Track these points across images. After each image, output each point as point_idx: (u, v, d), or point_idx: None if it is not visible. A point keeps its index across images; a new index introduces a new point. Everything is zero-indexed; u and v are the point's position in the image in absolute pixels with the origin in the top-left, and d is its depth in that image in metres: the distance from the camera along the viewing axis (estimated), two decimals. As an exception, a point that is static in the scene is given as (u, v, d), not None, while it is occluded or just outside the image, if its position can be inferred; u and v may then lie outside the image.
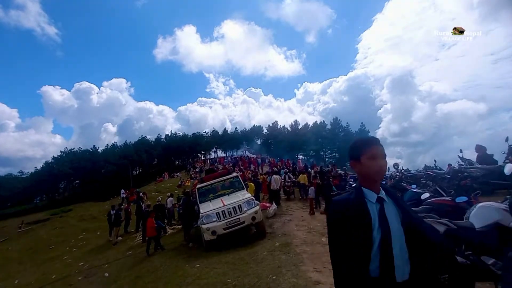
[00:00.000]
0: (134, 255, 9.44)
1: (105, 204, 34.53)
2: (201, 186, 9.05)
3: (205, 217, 7.32)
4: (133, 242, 12.03)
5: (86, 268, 9.67)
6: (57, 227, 29.31)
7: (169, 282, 5.82)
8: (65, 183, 71.03)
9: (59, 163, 65.80)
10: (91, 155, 69.42)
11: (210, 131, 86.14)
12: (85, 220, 26.37)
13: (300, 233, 7.30)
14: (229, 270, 5.55)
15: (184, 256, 7.55)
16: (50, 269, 12.42)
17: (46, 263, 15.28)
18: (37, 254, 20.06)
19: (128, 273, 7.63)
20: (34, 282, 10.59)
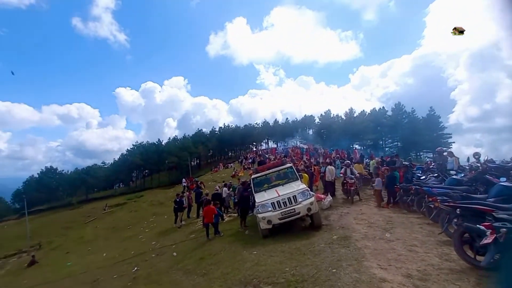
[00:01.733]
0: (197, 239, 10.24)
1: (170, 191, 38.27)
2: (255, 176, 9.24)
3: (260, 207, 7.47)
4: (194, 226, 13.08)
5: (157, 247, 10.91)
6: (132, 210, 33.76)
7: (229, 265, 6.15)
8: (137, 172, 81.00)
9: (131, 155, 75.15)
10: (156, 147, 77.40)
11: (261, 122, 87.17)
12: (154, 205, 29.65)
13: (359, 227, 6.90)
14: (286, 259, 5.58)
15: (242, 242, 7.86)
16: (129, 246, 14.41)
17: (125, 240, 17.77)
18: (118, 232, 23.47)
19: (192, 254, 8.33)
20: (118, 256, 12.44)
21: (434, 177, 9.00)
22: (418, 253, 4.85)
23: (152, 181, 76.83)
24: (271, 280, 4.81)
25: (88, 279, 9.35)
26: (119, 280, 7.94)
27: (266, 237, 7.51)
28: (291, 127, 78.20)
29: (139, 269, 8.46)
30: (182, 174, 59.84)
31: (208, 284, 5.55)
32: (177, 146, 76.40)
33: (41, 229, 39.76)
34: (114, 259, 11.93)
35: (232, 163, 46.56)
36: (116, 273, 8.84)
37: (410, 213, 7.91)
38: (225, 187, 13.80)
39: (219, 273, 5.91)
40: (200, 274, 6.27)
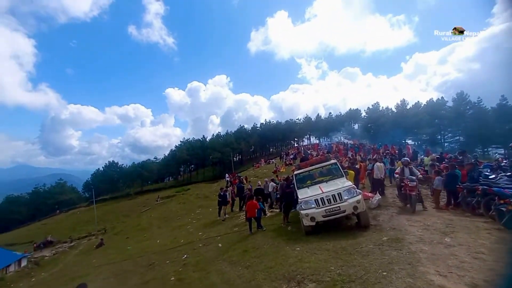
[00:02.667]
0: (240, 232, 10.55)
1: (214, 186, 40.07)
2: (298, 172, 9.11)
3: (303, 203, 7.35)
4: (237, 220, 13.49)
5: (204, 238, 11.53)
6: (180, 202, 36.20)
7: (272, 260, 6.20)
8: (184, 167, 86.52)
9: (179, 151, 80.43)
10: (201, 143, 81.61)
11: (303, 117, 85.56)
12: (200, 198, 31.35)
13: (414, 229, 6.34)
14: (331, 258, 5.42)
15: (284, 238, 7.86)
16: (179, 235, 15.48)
17: (175, 229, 19.13)
18: (169, 222, 25.38)
19: (236, 246, 8.61)
20: (169, 243, 13.47)
21: (506, 176, 7.79)
22: (486, 262, 4.28)
23: (197, 175, 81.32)
24: (315, 277, 4.72)
25: (145, 262, 10.33)
26: (172, 265, 8.60)
27: (309, 234, 7.38)
28: (334, 122, 75.21)
29: (188, 257, 9.04)
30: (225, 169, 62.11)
31: (252, 276, 5.68)
32: (220, 142, 79.41)
33: (106, 216, 45.20)
34: (166, 246, 12.94)
35: (274, 159, 46.65)
36: (169, 259, 9.59)
37: (475, 216, 7.00)
38: (272, 182, 13.89)
39: (262, 266, 6.01)
40: (244, 266, 6.45)
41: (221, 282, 5.95)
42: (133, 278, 8.44)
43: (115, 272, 10.12)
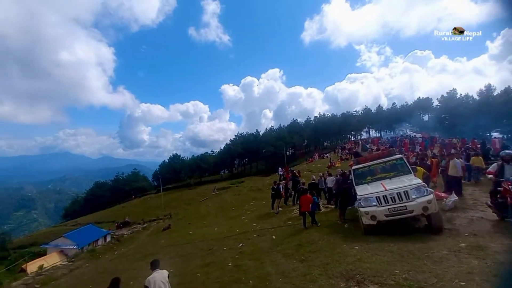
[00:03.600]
0: (293, 226, 10.50)
1: (267, 179, 40.65)
2: (357, 168, 8.56)
3: (363, 200, 6.89)
4: (291, 214, 13.45)
5: (258, 229, 11.84)
6: (235, 193, 37.78)
7: (329, 256, 6.01)
8: (238, 160, 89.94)
9: (234, 144, 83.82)
10: (254, 138, 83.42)
11: (362, 109, 79.82)
12: (253, 191, 32.19)
13: (503, 237, 5.37)
14: (396, 261, 4.97)
15: (341, 235, 7.53)
16: (234, 224, 16.22)
17: (231, 219, 20.09)
18: (225, 212, 26.76)
19: (290, 239, 8.61)
20: (225, 232, 14.24)
21: None
22: None
23: (251, 169, 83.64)
24: (377, 279, 4.40)
25: (205, 247, 11.15)
26: (229, 252, 9.10)
27: (368, 234, 6.91)
28: (399, 113, 68.10)
29: (244, 246, 9.42)
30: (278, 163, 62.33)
31: (307, 270, 5.60)
32: (273, 136, 79.87)
33: (170, 203, 50.17)
34: (223, 234, 13.72)
35: (328, 154, 44.95)
36: (226, 245, 10.17)
37: None
38: (331, 176, 13.43)
39: (318, 262, 5.87)
40: (299, 260, 6.40)
41: (276, 273, 6.03)
42: (195, 260, 9.20)
43: (180, 253, 11.19)
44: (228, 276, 6.57)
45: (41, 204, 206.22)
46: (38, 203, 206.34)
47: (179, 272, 7.84)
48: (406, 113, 66.46)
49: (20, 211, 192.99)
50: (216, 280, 6.51)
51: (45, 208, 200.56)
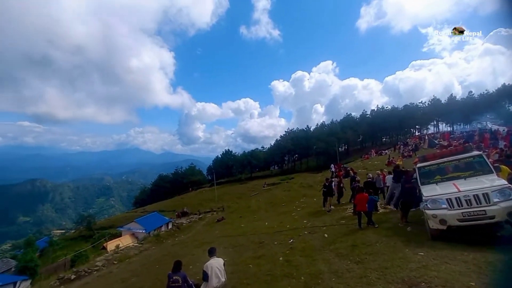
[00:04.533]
0: (347, 225, 10.00)
1: (318, 176, 39.56)
2: (423, 165, 7.67)
3: (430, 202, 6.16)
4: (344, 212, 12.83)
5: (309, 226, 11.63)
6: (285, 189, 37.75)
7: (388, 260, 5.57)
8: (288, 156, 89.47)
9: (283, 140, 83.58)
10: (305, 133, 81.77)
11: (429, 100, 70.89)
12: (304, 187, 31.69)
13: None
14: (471, 272, 4.34)
15: (402, 239, 6.88)
16: (284, 220, 16.23)
17: (281, 215, 20.15)
18: (275, 207, 26.98)
19: (343, 239, 8.23)
20: (276, 227, 14.36)
21: None
22: None
23: (301, 165, 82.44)
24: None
25: (256, 240, 11.44)
26: (279, 246, 9.16)
27: (436, 239, 6.16)
28: (477, 104, 58.58)
29: (294, 241, 9.37)
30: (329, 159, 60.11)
31: (363, 273, 5.28)
32: (325, 132, 77.11)
33: (223, 196, 52.77)
34: (273, 228, 13.86)
35: (387, 150, 41.45)
36: (276, 240, 10.26)
37: None
38: (390, 175, 12.45)
39: (375, 265, 5.49)
40: (354, 261, 6.09)
41: (329, 272, 5.84)
42: (247, 252, 9.52)
43: (233, 244, 11.71)
44: (279, 270, 6.62)
45: (117, 193, 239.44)
46: (114, 192, 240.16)
47: (232, 262, 8.21)
48: (487, 103, 56.73)
49: (101, 198, 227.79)
50: (267, 272, 6.62)
51: (120, 196, 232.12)
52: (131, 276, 10.07)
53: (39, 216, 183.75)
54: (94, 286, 10.36)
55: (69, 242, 41.68)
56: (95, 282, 11.25)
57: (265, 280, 6.17)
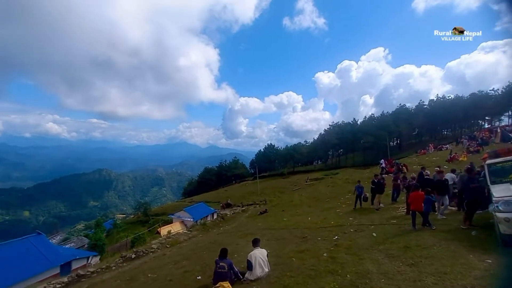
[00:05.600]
0: (399, 225, 9.31)
1: (365, 172, 37.40)
2: (494, 162, 6.72)
3: (502, 204, 5.38)
4: (395, 212, 11.94)
5: (355, 224, 11.13)
6: (329, 185, 36.60)
7: (447, 265, 5.05)
8: (332, 151, 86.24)
9: (328, 134, 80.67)
10: (351, 127, 77.59)
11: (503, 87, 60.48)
12: (349, 183, 30.27)
13: None
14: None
15: (465, 243, 6.16)
16: (328, 216, 15.79)
17: (325, 211, 19.65)
18: (318, 203, 26.37)
19: (394, 239, 7.69)
20: (319, 222, 14.05)
21: None
22: None
23: (346, 160, 78.81)
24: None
25: (299, 234, 11.37)
26: (323, 242, 8.96)
27: (508, 246, 5.38)
28: None
29: (339, 239, 9.06)
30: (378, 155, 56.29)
31: (418, 276, 4.88)
32: (374, 125, 72.18)
33: (265, 190, 53.42)
34: (317, 224, 13.59)
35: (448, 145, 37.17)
36: (320, 236, 10.05)
37: None
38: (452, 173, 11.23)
39: (432, 269, 5.02)
40: (407, 263, 5.66)
41: (378, 272, 5.53)
42: (289, 245, 9.53)
43: (275, 237, 11.82)
44: (323, 266, 6.49)
45: (168, 183, 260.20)
46: (166, 182, 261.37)
47: (275, 254, 8.30)
48: None
49: (155, 187, 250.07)
50: (311, 267, 6.55)
51: (171, 186, 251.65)
52: (182, 259, 10.90)
53: (105, 201, 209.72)
54: (151, 265, 11.48)
55: (129, 226, 46.79)
56: (152, 262, 12.47)
57: (309, 275, 6.12)
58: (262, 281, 6.26)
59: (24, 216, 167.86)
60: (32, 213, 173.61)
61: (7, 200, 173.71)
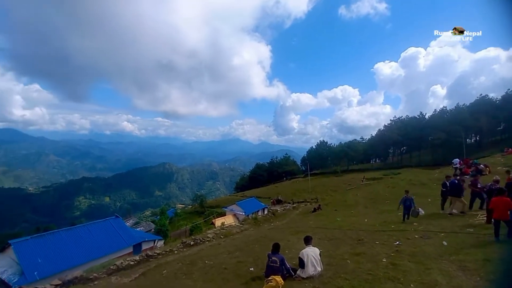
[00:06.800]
0: (477, 235, 8.05)
1: (434, 173, 33.33)
2: None
3: None
4: (473, 219, 10.34)
5: (420, 229, 10.00)
6: (389, 186, 33.71)
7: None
8: (393, 149, 78.86)
9: (389, 130, 73.98)
10: (417, 122, 69.58)
11: None
12: (414, 185, 27.38)
13: None
14: None
15: None
16: (388, 219, 14.58)
17: (384, 213, 18.20)
18: (376, 204, 24.58)
19: (470, 250, 6.69)
20: (377, 225, 13.07)
21: None
22: None
23: (410, 159, 71.32)
24: None
25: (354, 236, 10.74)
26: (382, 247, 8.29)
27: None
28: None
29: (401, 244, 8.27)
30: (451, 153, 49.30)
31: (503, 297, 4.14)
32: (446, 119, 63.47)
33: (317, 188, 51.95)
34: (374, 227, 12.66)
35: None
36: (378, 240, 9.32)
37: None
38: None
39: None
40: (487, 279, 4.86)
41: (448, 285, 4.89)
42: (344, 247, 9.09)
43: (328, 237, 11.41)
44: (381, 272, 6.02)
45: (221, 178, 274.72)
46: (219, 177, 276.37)
47: (328, 254, 8.02)
48: None
49: (210, 181, 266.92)
50: (368, 272, 6.13)
51: (224, 181, 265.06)
52: (235, 250, 11.39)
53: (168, 192, 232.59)
54: (208, 252, 12.29)
55: (187, 215, 50.87)
56: (208, 250, 13.35)
57: (366, 279, 5.75)
58: (314, 280, 6.13)
59: (105, 201, 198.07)
60: (111, 199, 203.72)
61: (93, 187, 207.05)
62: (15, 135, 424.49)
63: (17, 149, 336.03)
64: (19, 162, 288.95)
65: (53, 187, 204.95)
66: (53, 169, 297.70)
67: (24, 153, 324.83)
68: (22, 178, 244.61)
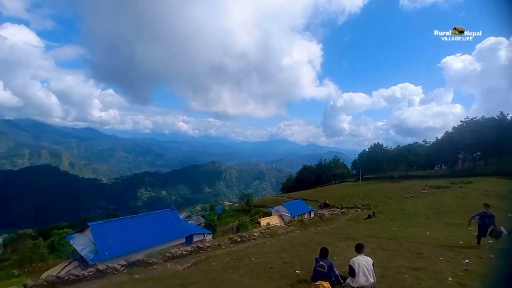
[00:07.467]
0: None
1: (517, 184, 28.22)
2: None
3: None
4: None
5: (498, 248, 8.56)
6: (458, 196, 29.69)
7: None
8: (464, 154, 68.99)
9: (459, 133, 64.97)
10: (497, 123, 59.52)
11: None
12: (490, 196, 23.69)
13: None
14: None
15: None
16: (456, 234, 12.85)
17: (450, 226, 16.12)
18: (441, 216, 21.90)
19: None
20: (442, 239, 11.62)
21: None
22: None
23: (486, 166, 61.55)
24: None
25: (413, 249, 9.72)
26: (447, 264, 7.32)
27: None
28: None
29: (472, 263, 7.20)
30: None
31: None
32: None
33: (369, 193, 48.51)
34: (438, 241, 11.29)
35: None
36: (442, 256, 8.26)
37: None
38: None
39: None
40: None
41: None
42: (400, 259, 8.31)
43: (382, 247, 10.55)
44: (447, 292, 5.33)
45: (268, 178, 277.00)
46: (266, 177, 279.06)
47: (381, 265, 7.41)
48: None
49: (256, 181, 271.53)
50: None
51: (270, 181, 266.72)
52: (281, 251, 11.33)
53: (216, 189, 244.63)
54: (254, 250, 12.50)
55: (234, 212, 52.51)
56: (253, 248, 13.57)
57: (427, 298, 5.15)
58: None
59: (162, 194, 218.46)
60: (168, 192, 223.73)
61: (153, 181, 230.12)
62: (93, 134, 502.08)
63: (95, 145, 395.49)
64: (96, 157, 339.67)
65: (121, 179, 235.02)
66: (121, 163, 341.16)
67: (100, 149, 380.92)
68: (98, 170, 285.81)
